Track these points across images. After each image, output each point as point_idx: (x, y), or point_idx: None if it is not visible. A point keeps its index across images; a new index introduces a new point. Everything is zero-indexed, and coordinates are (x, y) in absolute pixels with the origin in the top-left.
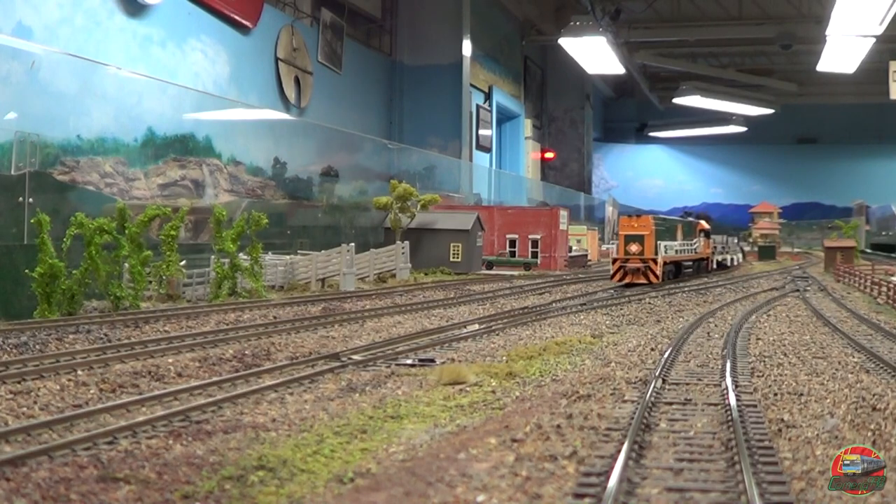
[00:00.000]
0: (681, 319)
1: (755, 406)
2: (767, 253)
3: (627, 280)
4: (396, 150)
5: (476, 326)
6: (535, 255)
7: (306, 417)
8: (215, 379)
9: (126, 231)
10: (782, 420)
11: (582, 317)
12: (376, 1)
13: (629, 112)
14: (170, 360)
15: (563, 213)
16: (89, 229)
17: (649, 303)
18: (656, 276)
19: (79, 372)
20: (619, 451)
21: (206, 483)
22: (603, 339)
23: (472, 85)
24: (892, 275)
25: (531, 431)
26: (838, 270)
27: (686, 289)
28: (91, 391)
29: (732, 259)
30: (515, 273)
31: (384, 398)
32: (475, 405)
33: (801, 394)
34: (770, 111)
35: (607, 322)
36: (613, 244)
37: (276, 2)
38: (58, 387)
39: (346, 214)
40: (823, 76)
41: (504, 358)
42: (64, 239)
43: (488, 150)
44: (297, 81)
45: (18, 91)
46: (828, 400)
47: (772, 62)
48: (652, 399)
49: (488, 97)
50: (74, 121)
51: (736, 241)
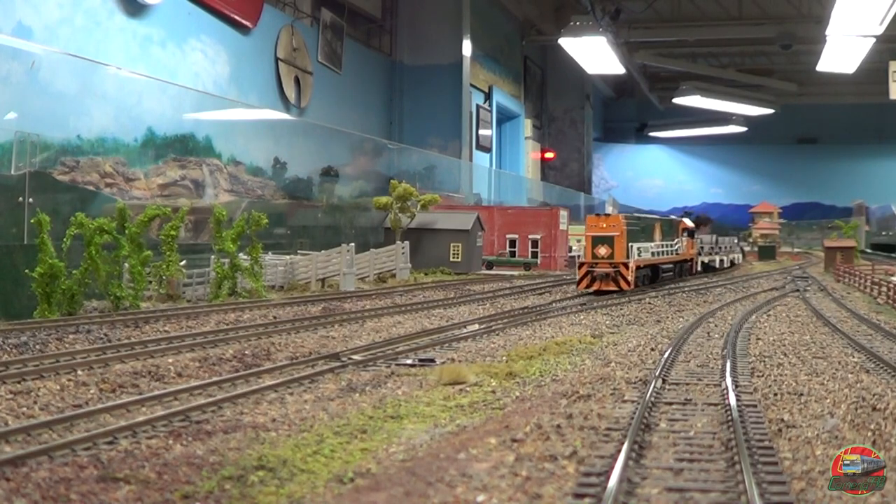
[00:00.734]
0: (681, 319)
1: (755, 406)
2: (767, 253)
3: (595, 287)
4: (396, 150)
5: (476, 326)
6: (535, 255)
7: (306, 417)
8: (215, 379)
9: (126, 231)
10: (782, 420)
11: (582, 317)
12: (376, 1)
13: (629, 112)
14: (170, 360)
15: (563, 213)
16: (89, 229)
17: (649, 303)
18: (627, 283)
19: (79, 372)
20: (619, 451)
21: (206, 483)
22: (603, 339)
23: (472, 85)
24: (892, 275)
25: (531, 431)
26: (838, 270)
27: (686, 289)
28: (91, 391)
29: (723, 261)
30: (515, 273)
31: (384, 398)
32: (475, 405)
33: (801, 394)
34: (770, 111)
35: (607, 322)
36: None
37: (276, 2)
38: (58, 387)
39: (346, 214)
40: (823, 76)
41: (504, 358)
42: (64, 239)
43: (488, 150)
44: (297, 81)
45: (18, 91)
46: (828, 400)
47: (772, 62)
48: (652, 399)
49: (488, 97)
50: (74, 121)
51: (736, 241)
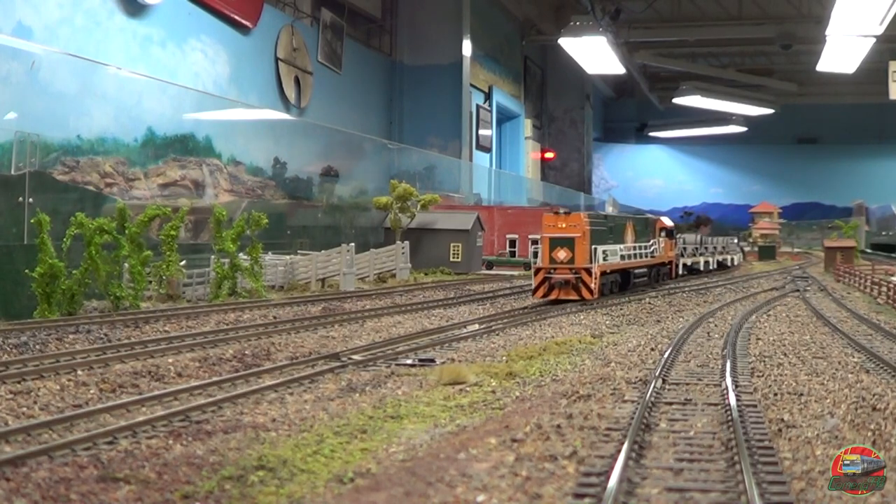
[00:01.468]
0: (681, 319)
1: (755, 406)
2: (767, 253)
3: (554, 296)
4: (396, 150)
5: (476, 326)
6: (536, 255)
7: (306, 417)
8: (215, 379)
9: (126, 231)
10: (782, 420)
11: (582, 317)
12: (376, 1)
13: (629, 112)
14: (170, 360)
15: None
16: (89, 229)
17: (649, 303)
18: (590, 291)
19: (79, 372)
20: (619, 451)
21: (206, 483)
22: (603, 339)
23: (472, 85)
24: (892, 275)
25: (531, 431)
26: (838, 270)
27: (686, 289)
28: (91, 391)
29: (708, 262)
30: (515, 273)
31: (384, 398)
32: (475, 405)
33: (801, 394)
34: (770, 111)
35: (607, 322)
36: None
37: (276, 2)
38: (58, 387)
39: (346, 214)
40: (823, 76)
41: (504, 358)
42: (64, 239)
43: (488, 150)
44: (297, 81)
45: (18, 91)
46: (828, 400)
47: (772, 62)
48: (652, 399)
49: (488, 97)
50: (74, 121)
51: (736, 241)
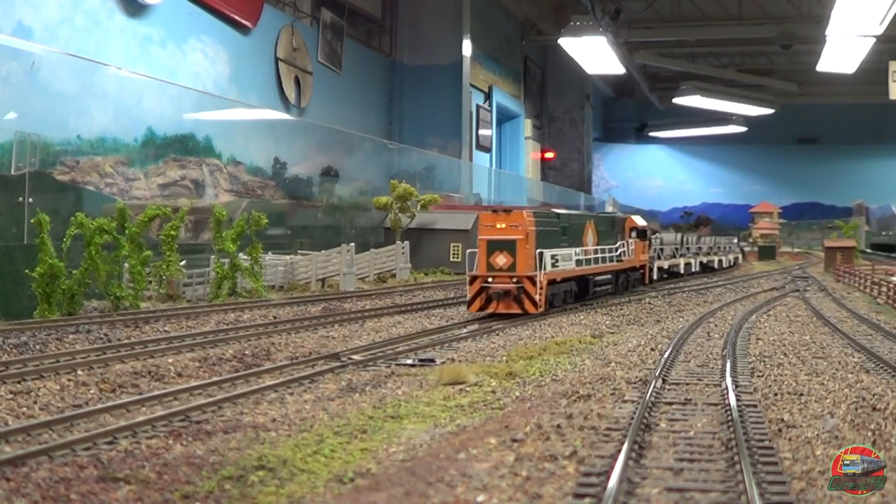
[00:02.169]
0: (681, 319)
1: (755, 406)
2: (767, 253)
3: (492, 309)
4: (396, 150)
5: (476, 326)
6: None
7: (306, 417)
8: (215, 379)
9: (126, 231)
10: (782, 420)
11: (582, 317)
12: (376, 1)
13: (629, 112)
14: (170, 360)
15: None
16: (89, 229)
17: (649, 303)
18: (534, 303)
19: (79, 372)
20: (619, 451)
21: (206, 483)
22: (603, 339)
23: (472, 85)
24: (892, 275)
25: (531, 431)
26: (838, 270)
27: (686, 289)
28: (91, 391)
29: (689, 264)
30: None
31: (384, 398)
32: (475, 405)
33: (801, 394)
34: (770, 111)
35: (607, 322)
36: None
37: (276, 2)
38: (58, 387)
39: (346, 214)
40: (823, 76)
41: (504, 358)
42: (64, 239)
43: (488, 150)
44: (297, 81)
45: (18, 91)
46: (828, 400)
47: (772, 62)
48: (652, 399)
49: (488, 97)
50: (74, 121)
51: (736, 241)
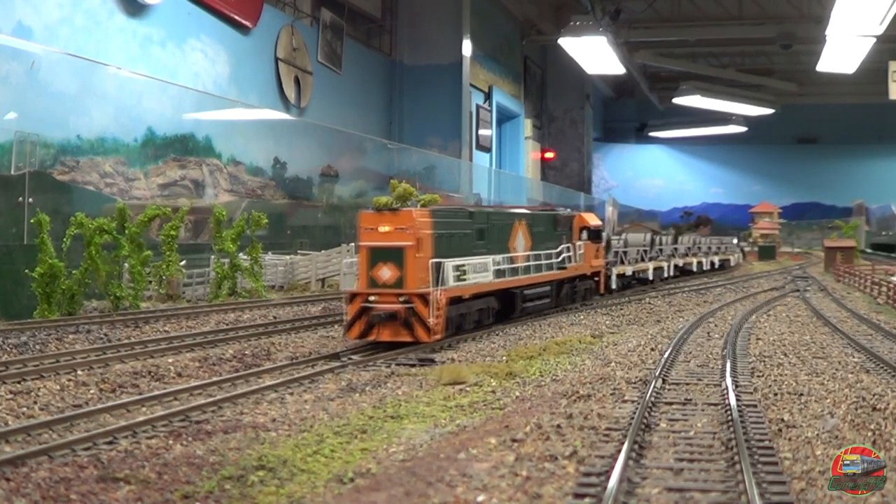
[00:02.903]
0: (681, 319)
1: (755, 406)
2: (767, 253)
3: (373, 337)
4: (396, 150)
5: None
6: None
7: (306, 417)
8: (215, 379)
9: (126, 231)
10: (782, 420)
11: (582, 317)
12: (376, 1)
13: (629, 112)
14: (170, 360)
15: None
16: (89, 229)
17: (649, 303)
18: (427, 330)
19: (79, 372)
20: (620, 451)
21: (206, 483)
22: (603, 339)
23: (472, 85)
24: (892, 275)
25: (531, 431)
26: (838, 270)
27: (686, 289)
28: (91, 391)
29: (661, 269)
30: None
31: (384, 398)
32: (475, 405)
33: (802, 394)
34: (770, 111)
35: (607, 322)
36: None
37: (276, 2)
38: (58, 387)
39: (346, 214)
40: (823, 76)
41: (504, 358)
42: (64, 239)
43: (488, 150)
44: (297, 81)
45: (18, 91)
46: (828, 400)
47: (772, 62)
48: (652, 399)
49: (488, 97)
50: (74, 121)
51: (736, 241)
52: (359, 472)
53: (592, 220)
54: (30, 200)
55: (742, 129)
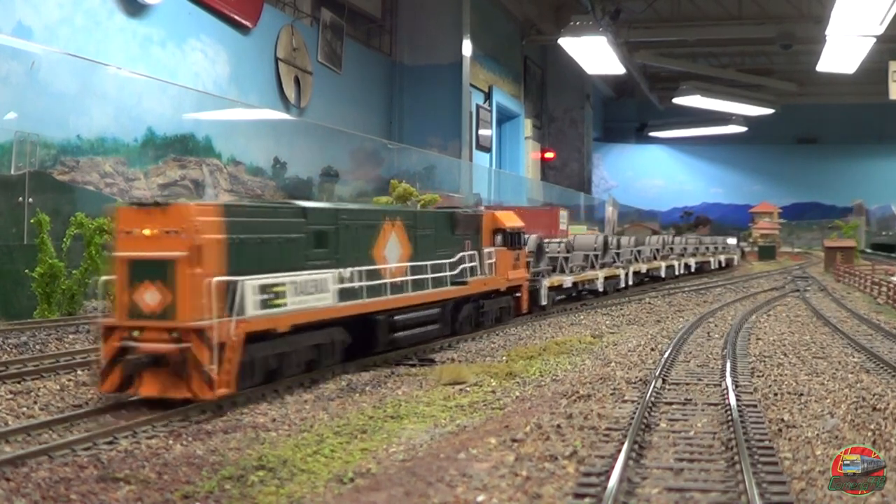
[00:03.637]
0: (681, 319)
1: (755, 406)
2: (767, 253)
3: (133, 391)
4: (396, 150)
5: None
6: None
7: (306, 417)
8: None
9: None
10: (782, 420)
11: (582, 317)
12: (376, 1)
13: (629, 112)
14: None
15: (563, 213)
16: (89, 229)
17: (649, 303)
18: (209, 382)
19: (79, 372)
20: (620, 451)
21: (206, 483)
22: (603, 339)
23: (472, 85)
24: (892, 275)
25: (531, 431)
26: (838, 270)
27: (686, 289)
28: (91, 391)
29: (615, 280)
30: None
31: (384, 398)
32: (475, 405)
33: (802, 394)
34: (770, 111)
35: (607, 322)
36: None
37: (276, 2)
38: (58, 387)
39: None
40: (823, 76)
41: (504, 358)
42: (64, 239)
43: (488, 150)
44: (297, 81)
45: (18, 91)
46: (828, 400)
47: (772, 62)
48: (652, 399)
49: (488, 97)
50: (74, 121)
51: (737, 241)
52: (359, 472)
53: (510, 221)
54: (30, 200)
55: (742, 129)
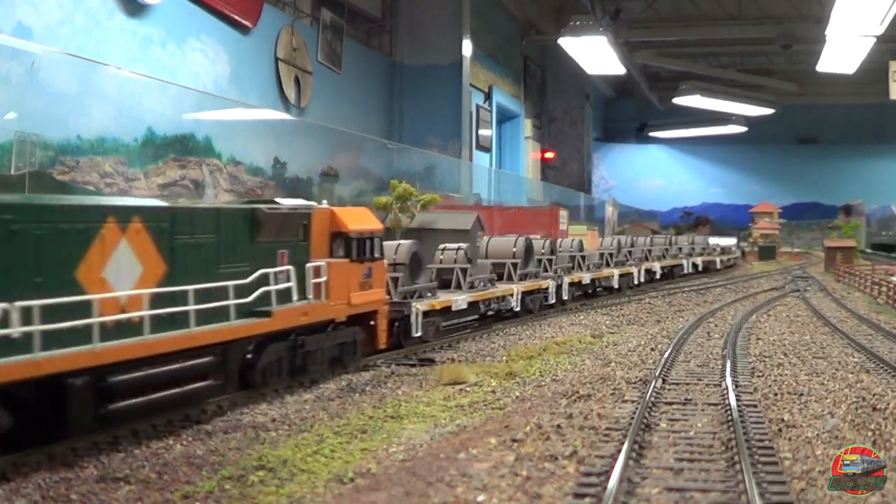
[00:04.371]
0: (681, 319)
1: (755, 406)
2: (767, 253)
3: None
4: (396, 150)
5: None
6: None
7: (306, 417)
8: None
9: None
10: (782, 420)
11: (582, 317)
12: (376, 1)
13: (629, 112)
14: None
15: (563, 213)
16: None
17: (649, 303)
18: None
19: None
20: (620, 451)
21: (206, 483)
22: (603, 339)
23: (472, 85)
24: (892, 275)
25: (531, 431)
26: (838, 270)
27: (686, 289)
28: None
29: (545, 291)
30: None
31: (384, 398)
32: (475, 405)
33: (802, 394)
34: (770, 111)
35: (607, 322)
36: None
37: (276, 1)
38: None
39: None
40: (823, 76)
41: (504, 358)
42: None
43: (488, 150)
44: (297, 81)
45: (18, 91)
46: (828, 400)
47: (772, 62)
48: (652, 399)
49: (488, 97)
50: (74, 121)
51: (737, 240)
52: (359, 472)
53: (357, 222)
54: None
55: (742, 129)
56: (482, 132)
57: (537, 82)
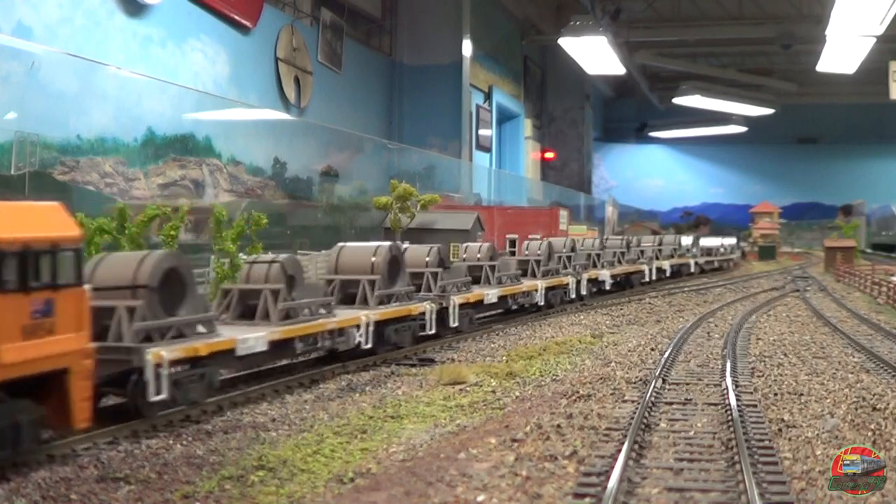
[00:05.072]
0: (681, 319)
1: (755, 406)
2: (767, 253)
3: None
4: (396, 150)
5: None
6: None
7: (306, 417)
8: None
9: (126, 231)
10: (782, 420)
11: (582, 317)
12: (376, 1)
13: (629, 112)
14: None
15: (563, 213)
16: (89, 229)
17: (649, 303)
18: None
19: None
20: (620, 451)
21: (206, 483)
22: (603, 339)
23: (472, 85)
24: (892, 275)
25: (531, 431)
26: (838, 270)
27: (686, 289)
28: None
29: (454, 311)
30: None
31: (384, 398)
32: (475, 405)
33: (802, 394)
34: (770, 111)
35: (607, 322)
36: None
37: (276, 2)
38: None
39: (346, 214)
40: (823, 76)
41: (504, 358)
42: None
43: (488, 150)
44: (297, 81)
45: (18, 91)
46: (828, 400)
47: (772, 62)
48: (652, 399)
49: (488, 97)
50: (74, 121)
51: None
52: (359, 472)
53: (17, 227)
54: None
55: (742, 129)
56: (482, 132)
57: (537, 82)
